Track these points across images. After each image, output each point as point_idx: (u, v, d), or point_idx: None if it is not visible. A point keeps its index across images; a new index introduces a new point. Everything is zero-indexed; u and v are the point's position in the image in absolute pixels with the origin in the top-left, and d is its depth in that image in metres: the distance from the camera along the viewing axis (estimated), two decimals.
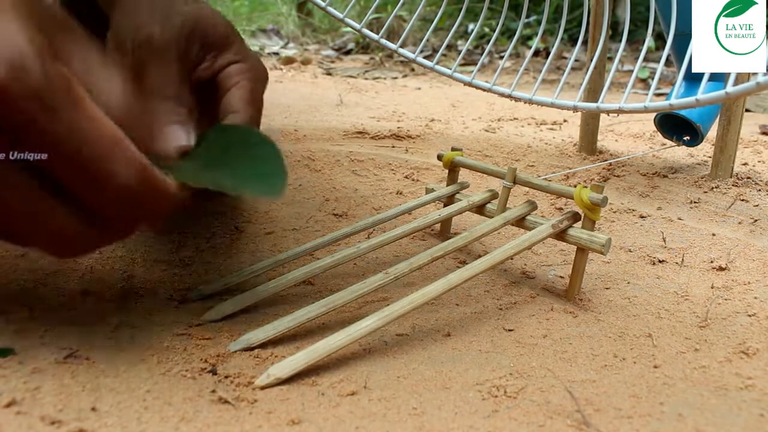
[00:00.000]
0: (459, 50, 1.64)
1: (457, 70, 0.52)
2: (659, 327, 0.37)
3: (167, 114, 0.37)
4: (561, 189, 0.42)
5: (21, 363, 0.30)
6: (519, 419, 0.28)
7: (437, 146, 0.76)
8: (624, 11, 1.56)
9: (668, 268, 0.46)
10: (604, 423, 0.28)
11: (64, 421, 0.26)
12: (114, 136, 0.27)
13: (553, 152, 0.76)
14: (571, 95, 0.51)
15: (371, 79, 1.37)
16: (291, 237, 0.48)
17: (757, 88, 0.38)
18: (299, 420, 0.27)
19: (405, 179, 0.64)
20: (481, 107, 1.04)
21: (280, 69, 1.44)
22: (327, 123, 0.84)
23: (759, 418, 0.29)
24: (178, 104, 0.37)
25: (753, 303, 0.41)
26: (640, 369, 0.33)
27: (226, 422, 0.27)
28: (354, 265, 0.44)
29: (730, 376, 0.33)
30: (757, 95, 1.11)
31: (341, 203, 0.56)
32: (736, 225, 0.54)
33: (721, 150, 0.64)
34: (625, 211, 0.57)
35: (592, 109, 0.47)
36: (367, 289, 0.35)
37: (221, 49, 0.41)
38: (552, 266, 0.46)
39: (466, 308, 0.39)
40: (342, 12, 0.54)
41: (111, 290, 0.38)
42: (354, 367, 0.32)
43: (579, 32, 0.49)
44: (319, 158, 0.67)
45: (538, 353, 0.34)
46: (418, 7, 0.55)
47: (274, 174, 0.30)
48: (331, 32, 1.96)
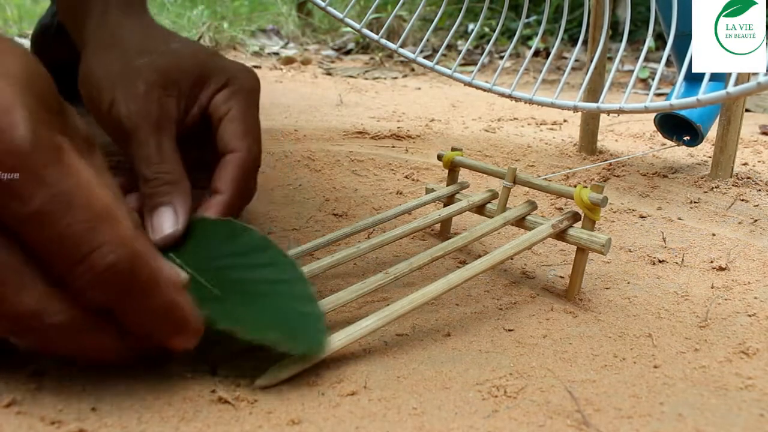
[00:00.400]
0: (459, 50, 1.64)
1: (457, 70, 0.52)
2: (659, 327, 0.37)
3: (150, 197, 0.36)
4: (561, 189, 0.42)
5: (21, 363, 0.30)
6: (519, 419, 0.28)
7: (437, 146, 0.76)
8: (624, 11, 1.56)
9: (668, 268, 0.46)
10: (604, 423, 0.28)
11: (64, 421, 0.26)
12: (105, 208, 0.24)
13: (553, 152, 0.75)
14: (572, 95, 0.51)
15: (371, 79, 1.37)
16: (291, 237, 0.48)
17: (757, 88, 0.38)
18: (299, 420, 0.27)
19: (405, 179, 0.64)
20: (481, 107, 1.04)
21: (280, 69, 1.44)
22: (327, 123, 0.84)
23: (759, 418, 0.29)
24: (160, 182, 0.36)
25: (753, 303, 0.41)
26: (640, 369, 0.33)
27: (226, 422, 0.27)
28: (354, 265, 0.44)
29: (730, 376, 0.33)
30: (757, 95, 1.11)
31: (341, 203, 0.56)
32: (736, 225, 0.54)
33: (721, 150, 0.64)
34: (625, 211, 0.57)
35: (593, 109, 0.47)
36: (367, 289, 0.35)
37: (201, 85, 0.40)
38: (552, 266, 0.46)
39: (466, 308, 0.39)
40: (342, 12, 0.54)
41: None
42: (354, 367, 0.32)
43: (579, 32, 0.49)
44: (319, 158, 0.67)
45: (538, 353, 0.34)
46: (418, 7, 0.55)
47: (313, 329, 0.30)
48: (331, 32, 1.96)
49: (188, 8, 1.83)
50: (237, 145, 0.39)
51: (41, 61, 0.28)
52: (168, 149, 0.38)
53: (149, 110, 0.38)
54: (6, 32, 1.65)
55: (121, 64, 0.39)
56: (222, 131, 0.39)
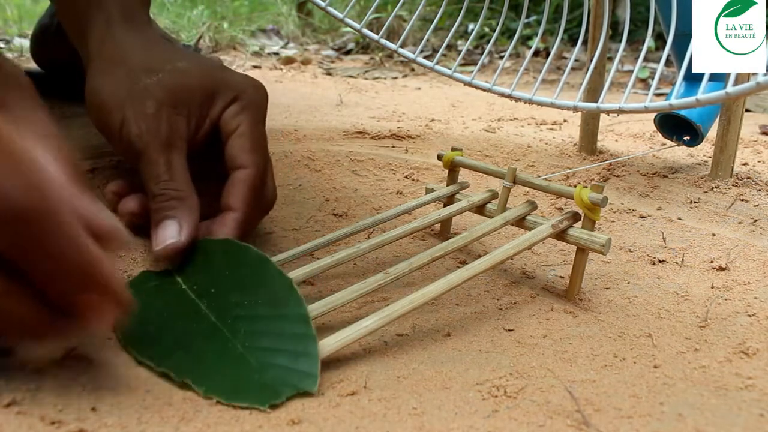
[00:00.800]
0: (459, 50, 1.64)
1: (457, 70, 0.52)
2: (659, 327, 0.37)
3: (156, 212, 0.37)
4: (561, 189, 0.42)
5: (21, 363, 0.30)
6: (519, 419, 0.28)
7: (437, 146, 0.76)
8: (624, 11, 1.56)
9: (668, 268, 0.46)
10: (604, 423, 0.28)
11: (64, 421, 0.26)
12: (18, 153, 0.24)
13: (553, 152, 0.75)
14: (571, 95, 0.51)
15: (371, 79, 1.37)
16: (291, 237, 0.48)
17: (757, 88, 0.38)
18: (299, 420, 0.27)
19: (405, 179, 0.64)
20: (481, 107, 1.04)
21: (280, 69, 1.44)
22: (327, 123, 0.84)
23: (759, 418, 0.29)
24: (167, 198, 0.37)
25: (753, 303, 0.41)
26: (640, 369, 0.33)
27: (226, 422, 0.27)
28: (354, 265, 0.44)
29: (730, 376, 0.33)
30: (757, 95, 1.11)
31: (341, 203, 0.56)
32: (736, 225, 0.54)
33: (721, 150, 0.64)
34: (625, 211, 0.57)
35: (592, 109, 0.47)
36: (367, 289, 0.35)
37: (210, 102, 0.41)
38: (552, 266, 0.46)
39: (466, 308, 0.39)
40: (342, 12, 0.54)
41: None
42: (354, 367, 0.32)
43: (579, 32, 0.49)
44: (319, 158, 0.67)
45: (538, 353, 0.34)
46: (418, 7, 0.55)
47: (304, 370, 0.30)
48: (331, 32, 1.96)
49: (188, 8, 1.83)
50: (245, 161, 0.40)
51: (41, 61, 0.28)
52: (177, 167, 0.38)
53: (159, 129, 0.38)
54: (6, 32, 1.65)
55: (129, 84, 0.40)
56: (230, 147, 0.40)
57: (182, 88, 0.40)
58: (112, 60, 0.42)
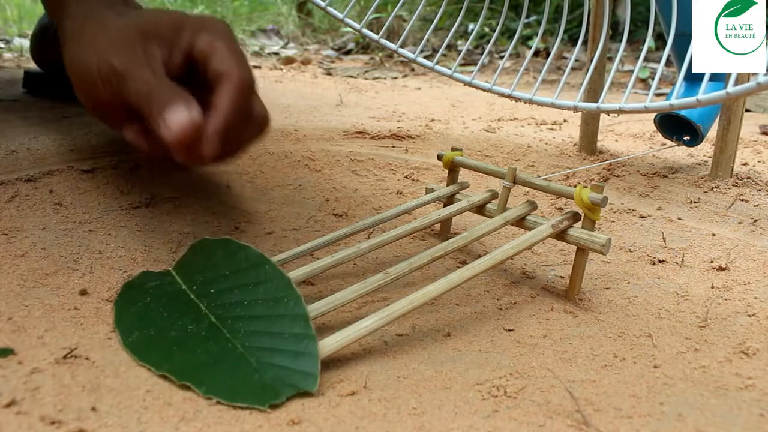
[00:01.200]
0: (459, 50, 1.64)
1: (457, 70, 0.52)
2: (659, 327, 0.37)
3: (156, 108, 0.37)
4: (561, 189, 0.42)
5: (21, 363, 0.30)
6: (519, 419, 0.28)
7: (437, 146, 0.76)
8: (624, 11, 1.56)
9: (668, 268, 0.46)
10: (604, 423, 0.28)
11: (64, 421, 0.26)
12: None
13: (553, 152, 0.75)
14: (572, 95, 0.51)
15: (371, 79, 1.37)
16: (291, 237, 0.48)
17: (757, 88, 0.38)
18: (299, 420, 0.27)
19: (405, 179, 0.64)
20: (481, 107, 1.04)
21: (280, 69, 1.44)
22: (327, 123, 0.84)
23: (759, 418, 0.29)
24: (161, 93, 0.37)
25: (753, 303, 0.41)
26: (640, 369, 0.33)
27: (226, 422, 0.27)
28: (354, 265, 0.44)
29: (730, 376, 0.33)
30: (757, 95, 1.11)
31: (341, 203, 0.56)
32: (736, 225, 0.54)
33: (721, 150, 0.64)
34: (625, 211, 0.57)
35: (593, 109, 0.47)
36: (367, 289, 0.35)
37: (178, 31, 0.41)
38: (552, 266, 0.46)
39: (466, 308, 0.39)
40: (342, 12, 0.54)
41: (111, 290, 0.38)
42: (354, 367, 0.32)
43: (579, 32, 0.49)
44: (319, 158, 0.67)
45: (538, 353, 0.34)
46: (418, 7, 0.55)
47: (304, 370, 0.30)
48: (331, 32, 1.96)
49: (188, 8, 1.83)
50: (229, 68, 0.40)
51: (41, 61, 0.29)
52: (161, 75, 0.39)
53: (136, 54, 0.39)
54: (6, 32, 1.65)
55: (100, 35, 0.41)
56: (211, 63, 0.40)
57: (150, 23, 0.41)
58: (85, 30, 0.43)
